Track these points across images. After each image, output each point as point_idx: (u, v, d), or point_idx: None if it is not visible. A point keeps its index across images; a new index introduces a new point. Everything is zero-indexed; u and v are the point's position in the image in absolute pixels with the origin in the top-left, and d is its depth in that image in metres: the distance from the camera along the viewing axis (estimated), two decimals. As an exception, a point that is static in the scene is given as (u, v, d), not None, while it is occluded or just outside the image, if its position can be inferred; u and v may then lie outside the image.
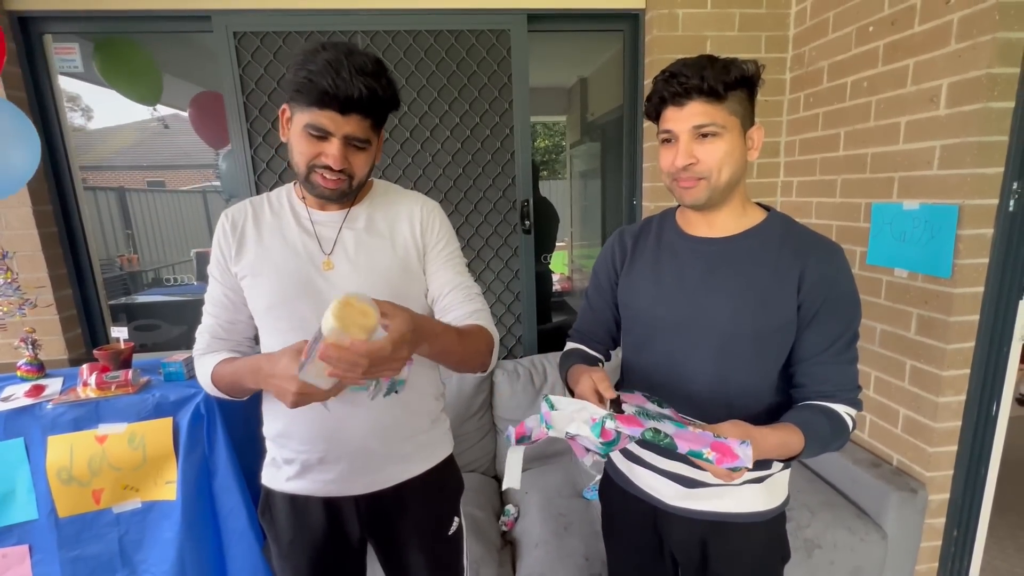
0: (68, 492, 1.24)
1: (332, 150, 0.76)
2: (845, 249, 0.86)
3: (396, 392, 0.80)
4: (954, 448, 1.42)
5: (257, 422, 0.94)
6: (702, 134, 0.74)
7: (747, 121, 0.77)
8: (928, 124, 1.35)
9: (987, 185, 1.25)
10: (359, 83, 0.72)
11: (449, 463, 1.01)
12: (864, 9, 1.52)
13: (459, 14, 1.75)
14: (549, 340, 2.09)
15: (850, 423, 0.78)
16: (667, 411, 0.74)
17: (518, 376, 1.83)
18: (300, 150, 0.78)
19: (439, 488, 0.98)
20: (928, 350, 1.39)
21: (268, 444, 0.93)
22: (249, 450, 1.26)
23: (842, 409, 0.77)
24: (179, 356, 1.34)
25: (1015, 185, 1.24)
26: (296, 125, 0.77)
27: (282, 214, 0.88)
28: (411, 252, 0.89)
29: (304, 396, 0.70)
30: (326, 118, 0.74)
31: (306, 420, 0.85)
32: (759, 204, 0.86)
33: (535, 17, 1.79)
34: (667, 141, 0.79)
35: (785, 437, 0.72)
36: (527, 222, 1.94)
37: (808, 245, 0.79)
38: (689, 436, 0.64)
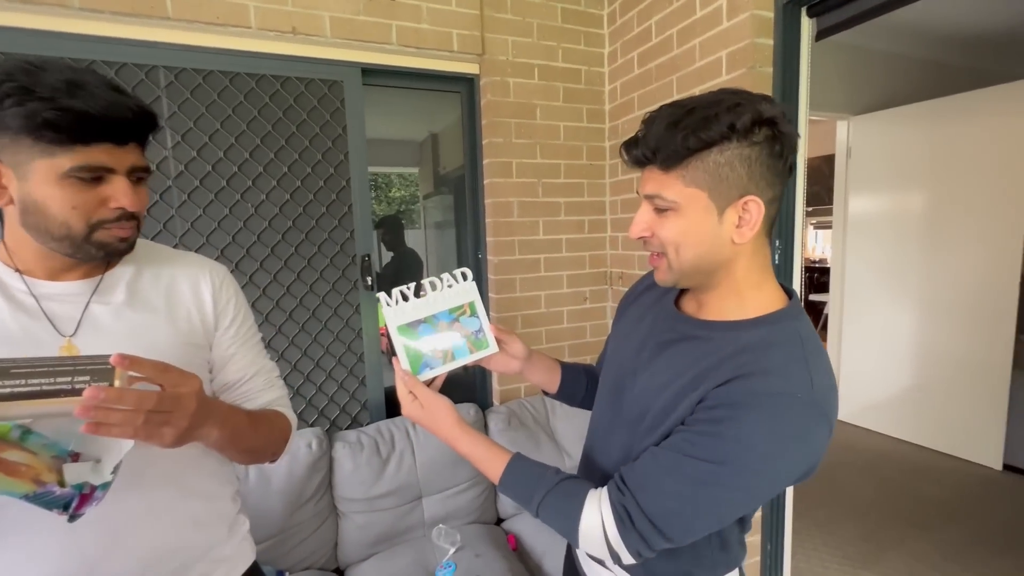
0: None
1: (122, 188, 0.60)
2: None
3: (98, 501, 0.57)
4: (760, 470, 1.61)
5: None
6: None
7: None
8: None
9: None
10: (125, 101, 0.59)
11: (252, 574, 0.83)
12: (659, 94, 1.78)
13: (285, 60, 1.64)
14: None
15: (587, 515, 0.64)
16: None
17: (362, 447, 1.65)
18: (71, 205, 0.59)
19: None
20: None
21: None
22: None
23: (597, 491, 0.67)
24: None
25: (777, 242, 1.50)
26: (44, 176, 0.57)
27: None
28: (197, 329, 0.73)
29: None
30: (102, 153, 0.58)
31: (49, 555, 0.62)
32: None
33: (370, 71, 1.77)
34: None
35: (487, 447, 0.73)
36: (369, 278, 1.83)
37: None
38: None
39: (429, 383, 0.79)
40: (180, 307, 0.72)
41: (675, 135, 0.58)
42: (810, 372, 0.59)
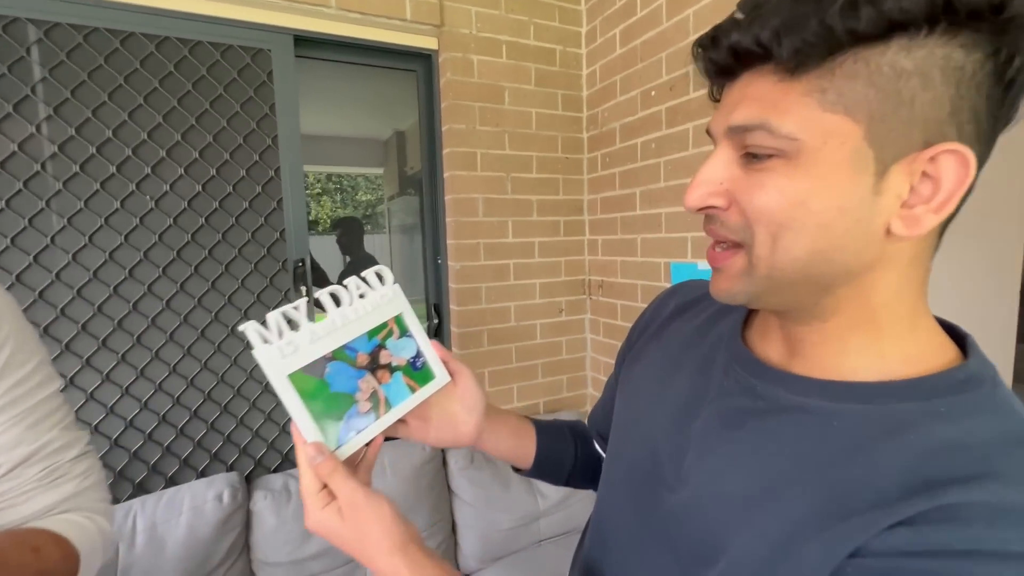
0: None
1: None
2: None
3: None
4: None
5: None
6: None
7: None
8: (710, 185, 1.36)
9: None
10: None
11: None
12: (646, 75, 1.54)
13: (195, 20, 1.34)
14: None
15: None
16: None
17: (288, 496, 1.34)
18: None
19: None
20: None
21: None
22: None
23: None
24: None
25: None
26: None
27: None
28: None
29: None
30: None
31: None
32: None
33: (305, 41, 1.47)
34: None
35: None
36: (304, 287, 1.52)
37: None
38: None
39: (358, 462, 0.49)
40: None
41: (824, 4, 0.27)
42: None
